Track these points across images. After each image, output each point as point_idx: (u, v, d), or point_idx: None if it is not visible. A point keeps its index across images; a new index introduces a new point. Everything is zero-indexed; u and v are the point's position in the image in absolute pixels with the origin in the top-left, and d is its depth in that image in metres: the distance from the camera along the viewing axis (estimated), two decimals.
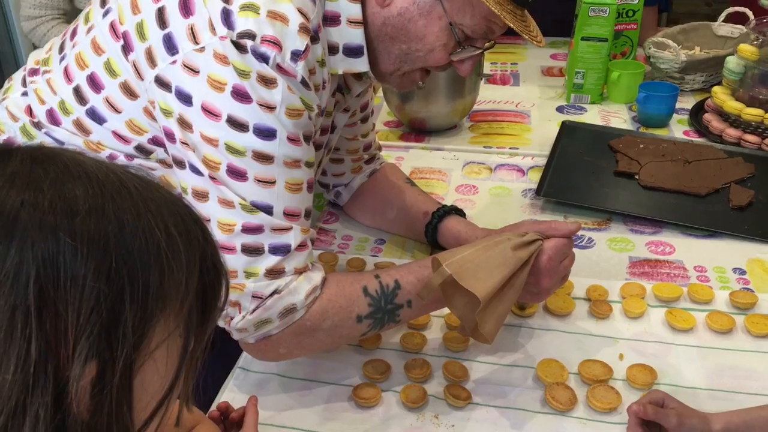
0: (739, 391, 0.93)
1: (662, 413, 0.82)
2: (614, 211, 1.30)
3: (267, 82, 0.82)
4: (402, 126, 1.64)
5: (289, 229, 0.86)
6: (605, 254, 1.21)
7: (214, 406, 0.87)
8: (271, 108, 0.82)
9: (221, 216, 0.84)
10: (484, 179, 1.44)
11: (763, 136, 1.48)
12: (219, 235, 0.84)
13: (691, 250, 1.21)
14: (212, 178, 0.83)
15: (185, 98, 0.82)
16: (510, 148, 1.54)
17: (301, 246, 0.88)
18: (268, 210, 0.85)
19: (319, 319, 0.88)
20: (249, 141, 0.83)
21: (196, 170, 0.84)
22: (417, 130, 1.61)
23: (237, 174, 0.83)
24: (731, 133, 1.51)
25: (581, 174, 1.41)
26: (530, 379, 0.96)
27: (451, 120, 1.60)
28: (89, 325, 0.44)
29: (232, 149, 0.83)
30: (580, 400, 0.92)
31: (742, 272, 1.15)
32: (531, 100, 1.78)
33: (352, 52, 0.92)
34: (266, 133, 0.83)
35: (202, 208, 0.85)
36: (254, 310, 0.86)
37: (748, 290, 1.11)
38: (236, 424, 0.81)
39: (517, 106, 1.75)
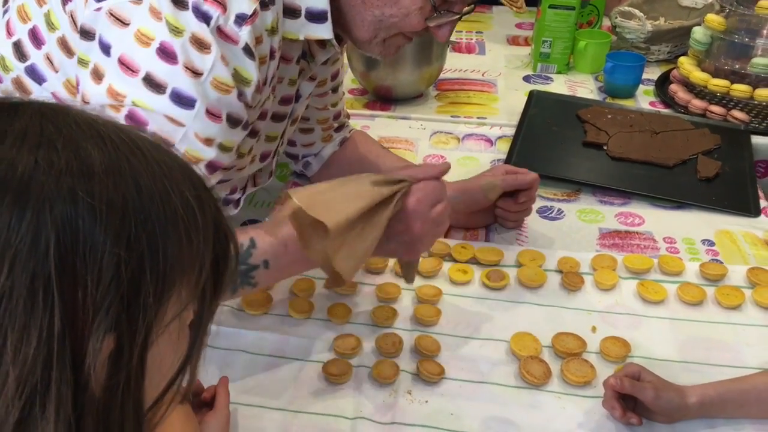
0: (710, 362, 0.93)
1: (639, 386, 0.81)
2: (584, 182, 1.29)
3: (201, 45, 0.75)
4: (367, 94, 1.60)
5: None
6: (575, 225, 1.19)
7: None
8: (197, 74, 0.76)
9: None
10: (452, 149, 1.41)
11: (729, 107, 1.49)
12: None
13: (660, 222, 1.20)
14: None
15: (105, 48, 0.76)
16: (478, 118, 1.51)
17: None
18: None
19: None
20: (161, 104, 0.76)
21: None
22: (382, 99, 1.57)
23: (134, 123, 0.75)
24: (697, 104, 1.51)
25: (550, 144, 1.40)
26: (503, 353, 0.95)
27: (418, 88, 1.57)
28: (109, 295, 0.41)
29: (139, 106, 0.76)
30: (555, 373, 0.90)
31: (711, 243, 1.15)
32: (497, 69, 1.76)
33: (315, 16, 0.87)
34: (184, 101, 0.76)
35: None
36: None
37: (717, 261, 1.11)
38: (207, 403, 0.77)
39: (483, 75, 1.72)
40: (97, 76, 0.76)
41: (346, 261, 0.81)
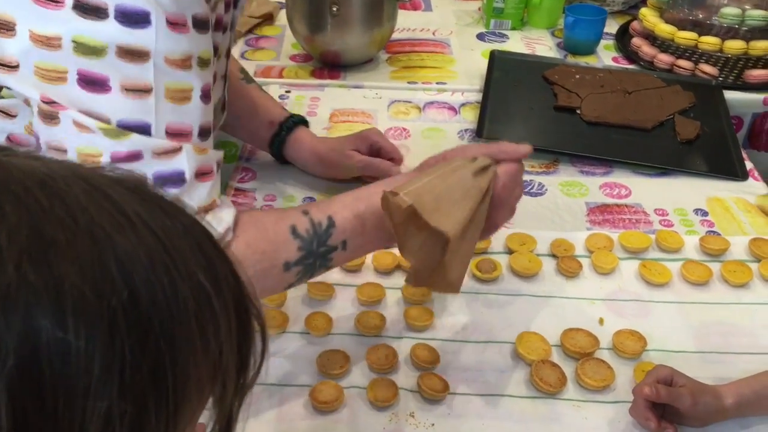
0: (729, 350, 0.86)
1: (676, 394, 0.73)
2: (562, 151, 1.19)
3: None
4: (312, 60, 1.44)
5: (176, 150, 0.66)
6: (560, 201, 1.10)
7: None
8: None
9: (80, 145, 0.63)
10: (414, 120, 1.28)
11: (698, 61, 1.41)
12: None
13: (647, 191, 1.12)
14: (51, 103, 0.62)
15: None
16: (437, 83, 1.38)
17: (203, 174, 0.68)
18: (142, 129, 0.64)
19: None
20: (110, 32, 0.60)
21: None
22: (330, 65, 1.42)
23: (93, 84, 0.61)
24: (663, 58, 1.43)
25: (520, 111, 1.29)
26: (509, 357, 0.84)
27: (369, 52, 1.42)
28: None
29: (83, 48, 0.60)
30: (569, 377, 0.81)
31: (705, 213, 1.08)
32: (447, 27, 1.62)
33: None
34: (134, 18, 0.61)
35: (51, 135, 0.64)
36: None
37: (715, 233, 1.03)
38: None
39: (434, 34, 1.59)
40: (6, 28, 0.60)
41: (456, 269, 0.72)
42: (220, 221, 0.69)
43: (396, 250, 0.96)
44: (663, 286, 0.94)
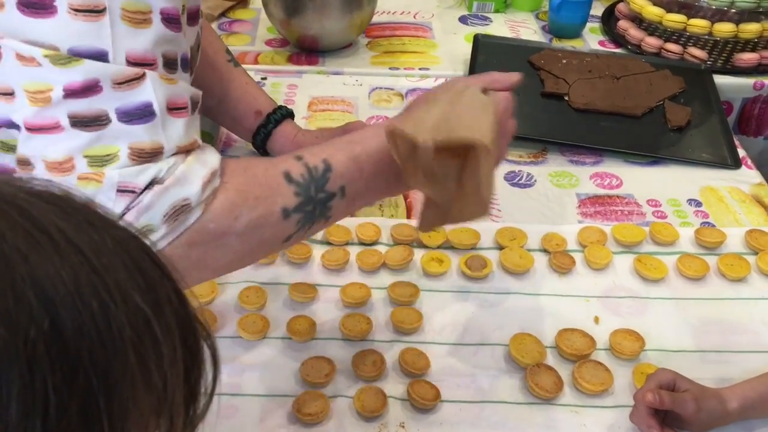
0: (729, 349, 0.82)
1: (680, 400, 0.69)
2: (550, 140, 1.15)
3: None
4: (288, 45, 1.38)
5: (139, 78, 0.58)
6: (550, 193, 1.06)
7: None
8: None
9: (27, 81, 0.56)
10: (397, 108, 1.23)
11: (686, 45, 1.37)
12: (27, 110, 0.56)
13: (638, 181, 1.08)
14: None
15: None
16: (419, 69, 1.33)
17: (176, 109, 0.60)
18: (98, 55, 0.56)
19: (229, 218, 0.62)
20: None
21: None
22: (307, 50, 1.36)
23: (35, 6, 0.54)
24: (651, 42, 1.39)
25: None
26: (502, 360, 0.80)
27: (348, 37, 1.36)
28: None
29: None
30: (565, 380, 0.77)
31: (698, 204, 1.04)
32: (429, 9, 1.57)
33: None
34: None
35: None
36: (123, 215, 0.57)
37: (709, 225, 1.00)
38: None
39: (414, 17, 1.53)
40: None
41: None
42: (204, 163, 0.61)
43: (380, 248, 0.92)
44: (659, 281, 0.91)
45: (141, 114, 0.58)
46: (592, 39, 1.47)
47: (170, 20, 0.61)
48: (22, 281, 0.25)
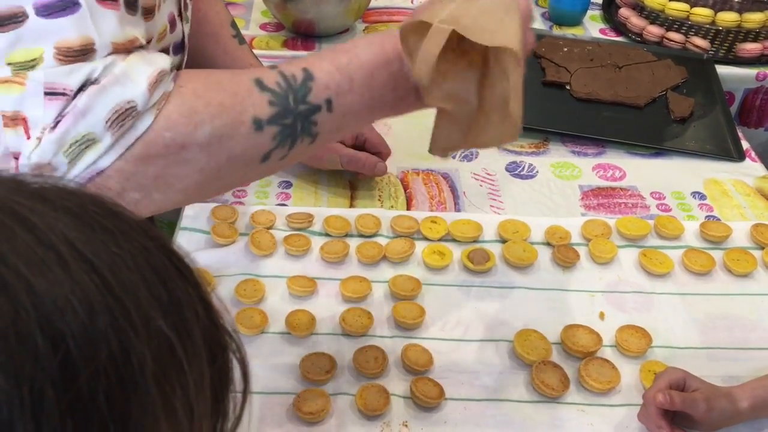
0: (738, 346, 0.81)
1: (690, 401, 0.67)
2: (552, 130, 1.13)
3: None
4: (284, 30, 1.35)
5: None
6: (553, 185, 1.03)
7: None
8: None
9: None
10: None
11: (688, 34, 1.35)
12: None
13: (642, 173, 1.07)
14: None
15: None
16: None
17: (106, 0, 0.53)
18: None
19: (188, 126, 0.54)
20: None
21: None
22: (303, 35, 1.33)
23: None
24: (653, 31, 1.37)
25: None
26: (507, 356, 0.78)
27: (345, 21, 1.33)
28: None
29: None
30: (571, 378, 0.75)
31: (702, 197, 1.02)
32: None
33: None
34: None
35: None
36: (57, 123, 0.50)
37: (714, 218, 0.98)
38: None
39: (412, 2, 1.50)
40: None
41: (519, 100, 0.58)
42: (150, 63, 0.54)
43: (380, 240, 0.90)
44: (664, 276, 0.89)
45: (63, 5, 0.51)
46: (592, 27, 1.45)
47: None
48: (26, 315, 0.22)
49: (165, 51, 0.72)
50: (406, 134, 1.11)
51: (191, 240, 0.89)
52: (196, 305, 0.28)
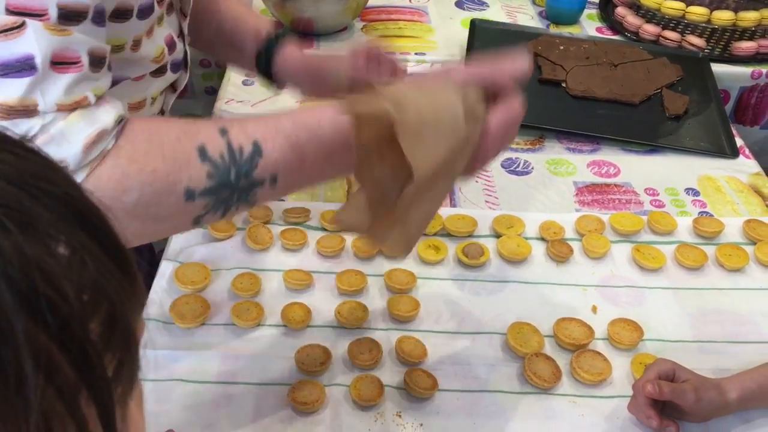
0: (728, 340, 0.82)
1: (679, 391, 0.68)
2: (547, 127, 1.14)
3: None
4: (282, 28, 1.36)
5: (18, 27, 0.52)
6: (548, 181, 1.05)
7: None
8: None
9: None
10: None
11: (684, 32, 1.36)
12: None
13: (636, 170, 1.08)
14: None
15: None
16: (416, 54, 1.31)
17: (64, 63, 0.54)
18: None
19: (116, 190, 0.54)
20: None
21: None
22: (302, 34, 1.34)
23: None
24: (649, 29, 1.38)
25: None
26: (499, 349, 0.79)
27: (343, 20, 1.34)
28: None
29: None
30: (563, 370, 0.76)
31: (696, 193, 1.03)
32: None
33: None
34: None
35: None
36: None
37: (707, 214, 0.99)
38: None
39: (410, 1, 1.51)
40: None
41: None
42: (91, 122, 0.54)
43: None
44: (657, 270, 0.90)
45: (20, 67, 0.52)
46: (589, 25, 1.46)
47: None
48: None
49: (162, 69, 0.75)
50: None
51: (189, 234, 0.90)
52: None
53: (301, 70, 0.90)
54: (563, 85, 1.21)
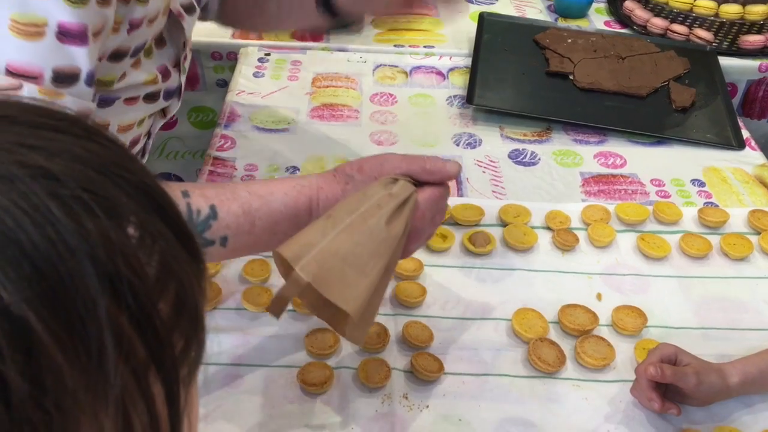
0: (731, 326, 0.83)
1: (681, 374, 0.70)
2: (555, 119, 1.15)
3: None
4: None
5: (14, 89, 0.57)
6: (554, 172, 1.06)
7: None
8: None
9: None
10: (401, 85, 1.23)
11: (692, 26, 1.37)
12: None
13: (642, 161, 1.09)
14: None
15: None
16: (424, 47, 1.33)
17: None
18: None
19: None
20: None
21: None
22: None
23: None
24: (657, 23, 1.38)
25: (511, 77, 1.24)
26: (505, 335, 0.81)
27: None
28: None
29: None
30: (568, 355, 0.78)
31: (702, 184, 1.04)
32: None
33: None
34: None
35: None
36: None
37: (713, 205, 1.00)
38: None
39: None
40: None
41: (363, 329, 0.66)
42: None
43: None
44: (662, 259, 0.91)
45: None
46: (597, 19, 1.46)
47: (68, 35, 0.59)
48: None
49: (155, 96, 0.78)
50: (412, 122, 1.14)
51: None
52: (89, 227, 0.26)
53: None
54: (571, 77, 1.23)
